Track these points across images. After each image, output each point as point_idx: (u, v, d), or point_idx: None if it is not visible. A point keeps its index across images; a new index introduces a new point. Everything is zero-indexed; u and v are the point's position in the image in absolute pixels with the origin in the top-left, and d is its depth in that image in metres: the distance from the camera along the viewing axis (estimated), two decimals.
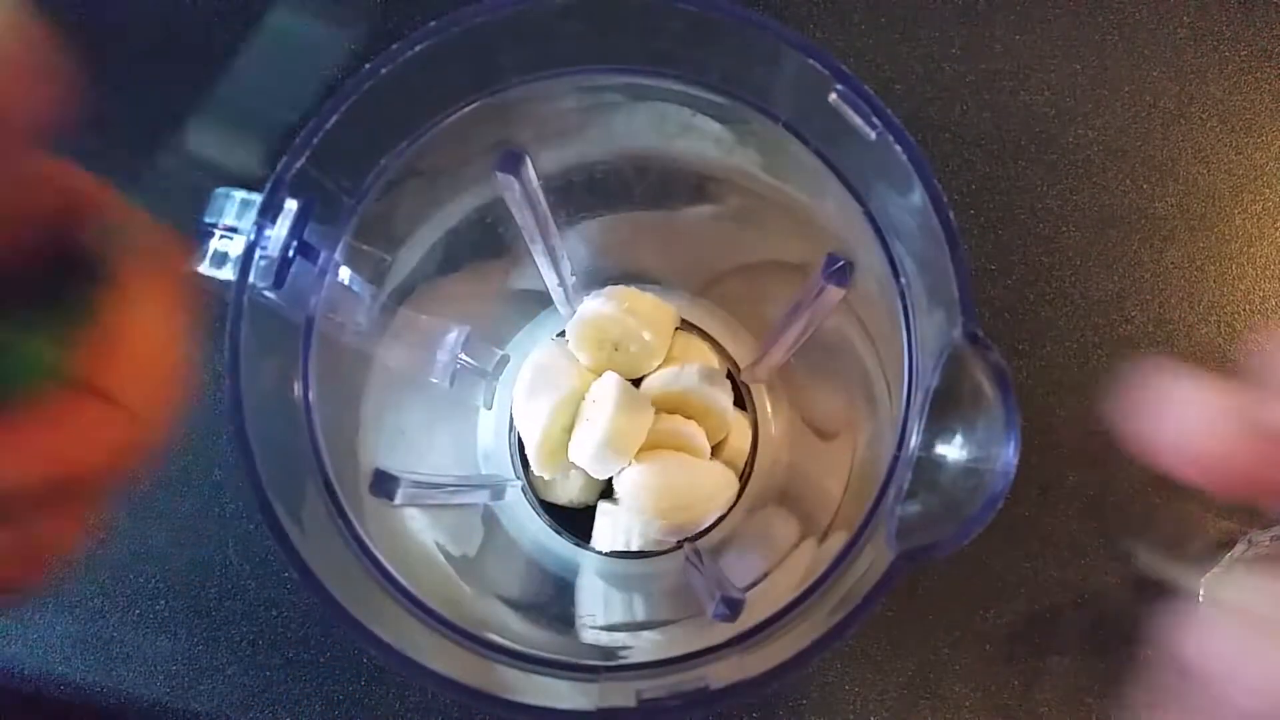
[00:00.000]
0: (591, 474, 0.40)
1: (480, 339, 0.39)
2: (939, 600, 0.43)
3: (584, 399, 0.40)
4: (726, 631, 0.28)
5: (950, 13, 0.47)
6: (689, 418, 0.40)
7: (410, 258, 0.35)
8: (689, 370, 0.40)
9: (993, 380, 0.24)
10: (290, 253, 0.27)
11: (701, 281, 0.43)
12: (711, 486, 0.40)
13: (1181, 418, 0.20)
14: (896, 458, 0.26)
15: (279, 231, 0.27)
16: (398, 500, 0.33)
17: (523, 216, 0.34)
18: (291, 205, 0.27)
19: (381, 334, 0.34)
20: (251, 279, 0.27)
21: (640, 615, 0.40)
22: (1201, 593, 0.42)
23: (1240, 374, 0.20)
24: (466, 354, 0.39)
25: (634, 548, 0.40)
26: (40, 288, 0.18)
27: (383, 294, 0.33)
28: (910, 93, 0.46)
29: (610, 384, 0.39)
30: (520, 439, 0.41)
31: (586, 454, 0.38)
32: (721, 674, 0.26)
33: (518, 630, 0.34)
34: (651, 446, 0.40)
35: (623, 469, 0.39)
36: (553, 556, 0.41)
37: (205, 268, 0.27)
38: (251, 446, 0.26)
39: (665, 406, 0.41)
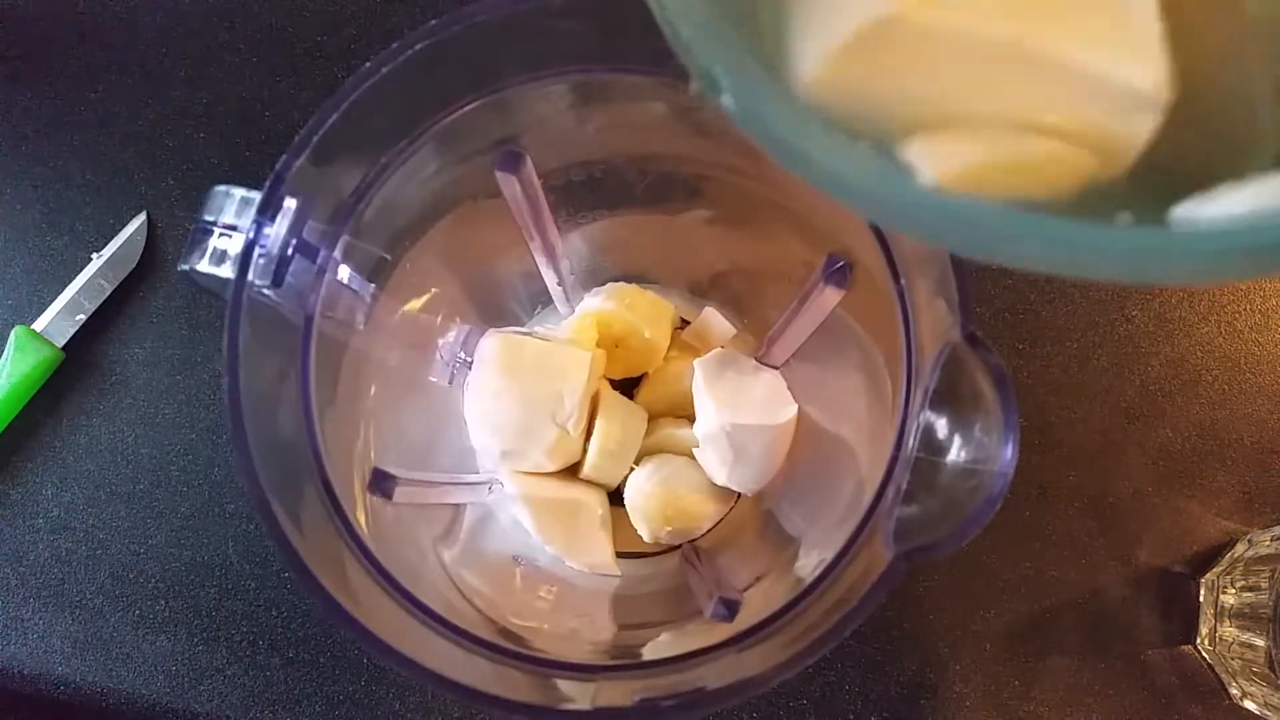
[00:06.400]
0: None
1: (480, 337, 0.39)
2: (939, 600, 0.43)
3: None
4: (724, 632, 0.28)
5: None
6: (689, 417, 0.40)
7: (410, 256, 0.35)
8: (688, 370, 0.40)
9: (991, 381, 0.24)
10: (289, 251, 0.27)
11: (701, 281, 0.43)
12: (713, 491, 0.40)
13: None
14: (895, 458, 0.26)
15: (278, 230, 0.27)
16: (396, 499, 0.33)
17: (522, 216, 0.34)
18: (291, 203, 0.27)
19: (381, 333, 0.34)
20: (250, 277, 0.27)
21: (638, 615, 0.40)
22: (1203, 593, 0.42)
23: None
24: (466, 353, 0.39)
25: (630, 547, 0.40)
26: None
27: (382, 293, 0.33)
28: None
29: (601, 395, 0.39)
30: None
31: (587, 465, 0.39)
32: (719, 674, 0.26)
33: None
34: (649, 451, 0.40)
35: (628, 475, 0.40)
36: (549, 555, 0.41)
37: (204, 266, 0.27)
38: (250, 446, 0.26)
39: (664, 406, 0.41)
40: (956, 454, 0.25)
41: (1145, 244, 0.16)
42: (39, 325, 0.45)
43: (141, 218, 0.46)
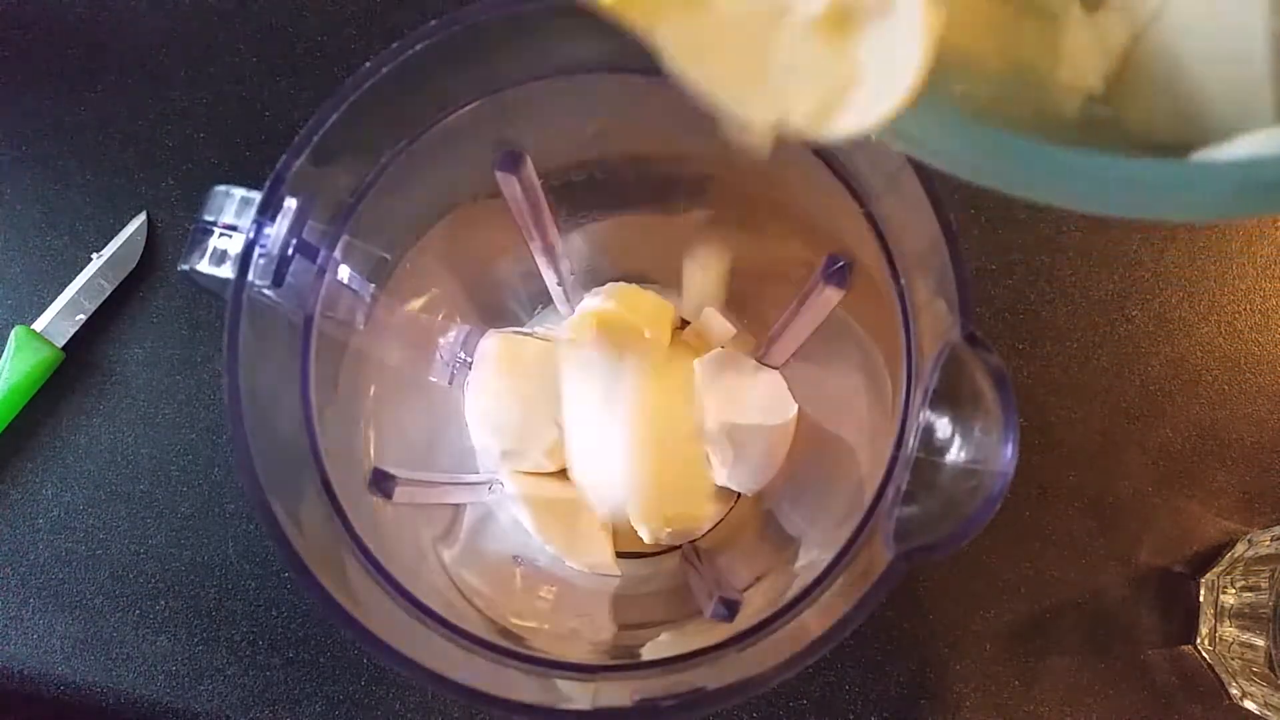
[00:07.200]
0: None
1: (480, 337, 0.39)
2: (939, 600, 0.43)
3: None
4: (724, 631, 0.28)
5: None
6: None
7: (410, 256, 0.35)
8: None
9: (991, 381, 0.24)
10: (290, 251, 0.27)
11: None
12: (713, 491, 0.40)
13: None
14: (894, 458, 0.26)
15: (278, 230, 0.27)
16: (396, 498, 0.33)
17: (522, 216, 0.34)
18: (291, 203, 0.27)
19: (381, 333, 0.34)
20: (250, 277, 0.27)
21: (638, 615, 0.40)
22: (1203, 593, 0.42)
23: None
24: (466, 353, 0.39)
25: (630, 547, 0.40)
26: None
27: (382, 293, 0.33)
28: None
29: None
30: None
31: None
32: (719, 674, 0.26)
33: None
34: None
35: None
36: (549, 555, 0.41)
37: (204, 266, 0.27)
38: (250, 446, 0.26)
39: None
40: (956, 454, 0.25)
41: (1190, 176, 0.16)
42: (39, 325, 0.45)
43: (141, 218, 0.46)
